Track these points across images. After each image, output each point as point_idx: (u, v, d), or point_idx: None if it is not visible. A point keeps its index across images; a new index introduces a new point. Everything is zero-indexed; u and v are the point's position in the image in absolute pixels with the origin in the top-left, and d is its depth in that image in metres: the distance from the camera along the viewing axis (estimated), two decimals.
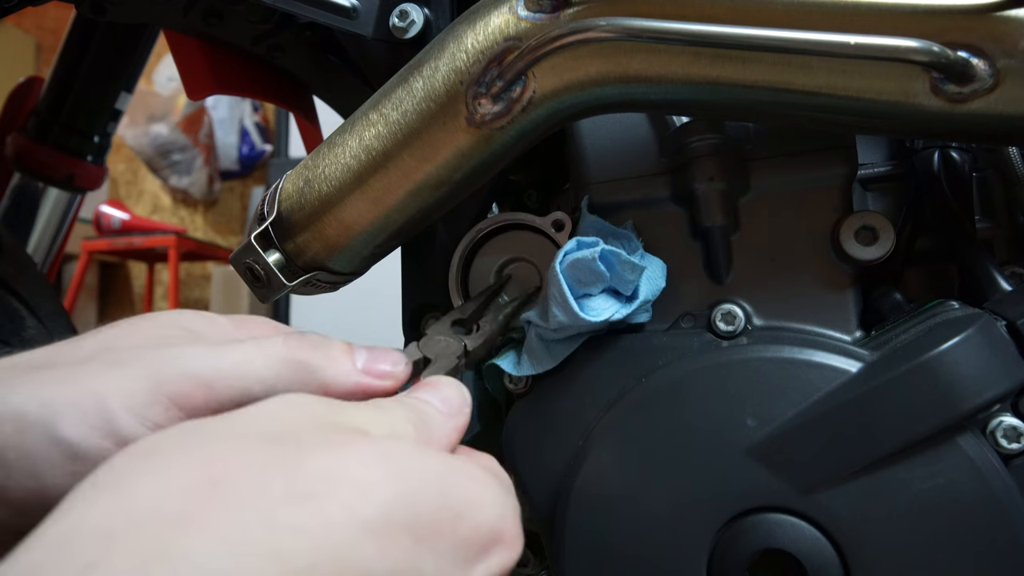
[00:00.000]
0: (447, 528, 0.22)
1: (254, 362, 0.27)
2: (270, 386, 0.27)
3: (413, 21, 0.49)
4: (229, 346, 0.27)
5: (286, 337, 0.29)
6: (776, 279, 0.45)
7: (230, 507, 0.19)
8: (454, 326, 0.43)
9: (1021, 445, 0.37)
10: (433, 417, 0.29)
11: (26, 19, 3.43)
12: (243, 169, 3.52)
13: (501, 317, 0.44)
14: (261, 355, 0.27)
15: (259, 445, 0.21)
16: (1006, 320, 0.38)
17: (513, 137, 0.40)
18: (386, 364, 0.31)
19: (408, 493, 0.22)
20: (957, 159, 0.48)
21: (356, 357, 0.31)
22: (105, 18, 0.61)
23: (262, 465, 0.20)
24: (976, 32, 0.33)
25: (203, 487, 0.19)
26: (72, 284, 3.05)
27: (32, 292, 0.79)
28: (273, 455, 0.21)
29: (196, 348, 0.27)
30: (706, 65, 0.36)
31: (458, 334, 0.41)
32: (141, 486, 0.19)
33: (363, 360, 0.31)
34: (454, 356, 0.38)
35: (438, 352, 0.38)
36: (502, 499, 0.25)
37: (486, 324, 0.43)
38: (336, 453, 0.21)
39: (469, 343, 0.40)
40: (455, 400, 0.31)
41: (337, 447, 0.22)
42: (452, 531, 0.22)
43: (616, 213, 0.48)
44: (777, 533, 0.39)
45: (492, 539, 0.24)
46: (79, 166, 0.98)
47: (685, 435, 0.41)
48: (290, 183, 0.44)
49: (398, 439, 0.26)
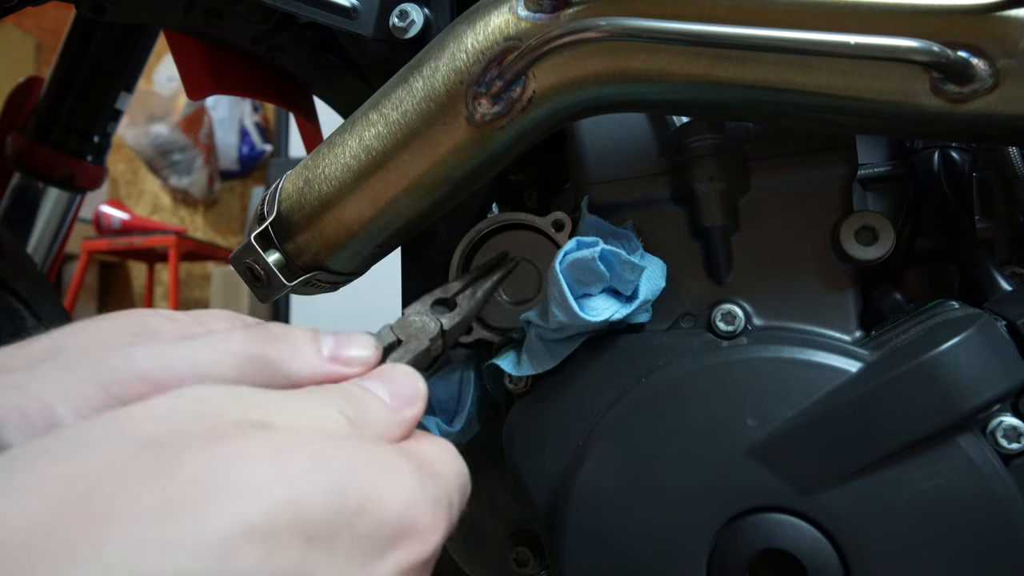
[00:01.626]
0: (343, 525, 0.21)
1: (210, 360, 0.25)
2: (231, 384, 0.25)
3: (413, 21, 0.49)
4: (183, 344, 0.26)
5: (245, 331, 0.27)
6: (776, 279, 0.45)
7: (92, 528, 0.17)
8: (435, 305, 0.41)
9: (1021, 445, 0.37)
10: (371, 408, 0.27)
11: (26, 19, 3.43)
12: (243, 169, 3.52)
13: (480, 293, 0.43)
14: (218, 352, 0.26)
15: (134, 451, 0.19)
16: (1006, 320, 0.38)
17: (513, 137, 0.40)
18: (354, 349, 0.30)
19: (298, 492, 0.20)
20: (957, 159, 0.48)
21: (322, 345, 0.29)
22: (105, 18, 0.61)
23: (133, 475, 0.19)
24: (976, 32, 0.33)
25: (65, 505, 0.17)
26: (72, 284, 3.05)
27: (32, 292, 0.79)
28: (146, 462, 0.19)
29: (147, 348, 0.25)
30: (706, 65, 0.36)
31: (437, 314, 0.39)
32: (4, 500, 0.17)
33: (329, 347, 0.29)
34: (426, 338, 0.36)
35: (410, 333, 0.36)
36: (413, 487, 0.23)
37: (464, 301, 0.41)
38: (217, 453, 0.20)
39: (446, 322, 0.38)
40: (405, 391, 0.29)
41: (220, 446, 0.20)
42: (350, 528, 0.21)
43: (616, 213, 0.48)
44: (777, 533, 0.39)
45: (400, 532, 0.23)
46: (79, 166, 0.98)
47: (685, 435, 0.41)
48: (290, 183, 0.44)
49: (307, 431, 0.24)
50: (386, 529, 0.22)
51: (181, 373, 0.24)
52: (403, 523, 0.23)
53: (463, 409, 0.50)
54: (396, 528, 0.22)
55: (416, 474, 0.24)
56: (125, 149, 3.51)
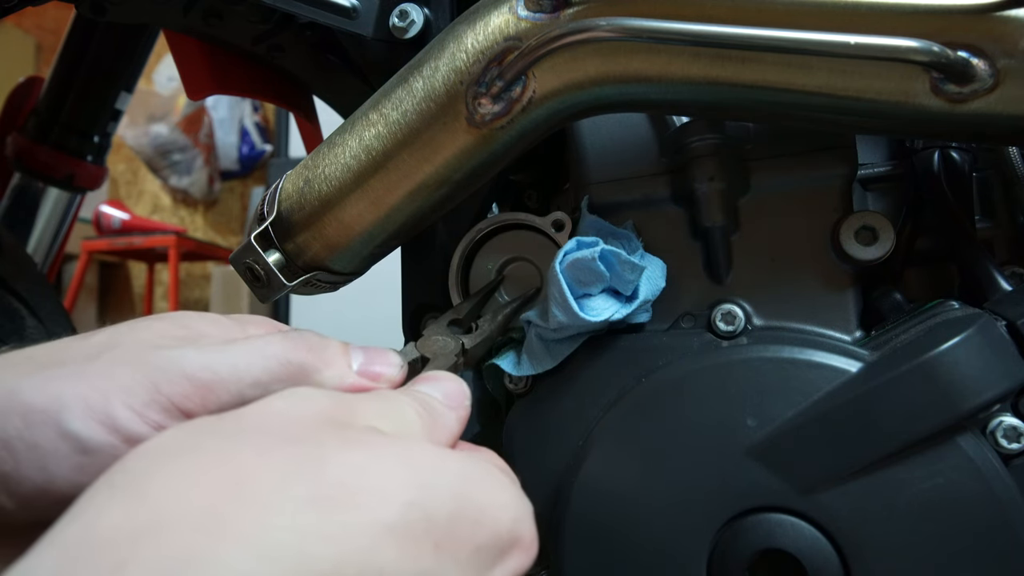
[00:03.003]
0: (467, 534, 0.22)
1: (250, 364, 0.27)
2: (265, 388, 0.27)
3: (413, 21, 0.49)
4: (226, 348, 0.28)
5: (282, 338, 0.29)
6: (776, 279, 0.45)
7: (255, 510, 0.19)
8: (451, 326, 0.43)
9: (1021, 445, 0.37)
10: (437, 409, 0.29)
11: (26, 19, 3.43)
12: (243, 169, 3.52)
13: (500, 317, 0.45)
14: (257, 357, 0.28)
15: (278, 444, 0.21)
16: (1006, 320, 0.38)
17: (513, 137, 0.40)
18: (382, 366, 0.31)
19: (428, 498, 0.21)
20: (957, 159, 0.48)
21: (352, 358, 0.31)
22: (105, 18, 0.61)
23: (283, 466, 0.20)
24: (976, 32, 0.33)
25: (226, 488, 0.19)
26: (72, 284, 3.05)
27: (32, 292, 0.79)
28: (293, 455, 0.21)
29: (194, 350, 0.27)
30: (706, 65, 0.36)
31: (455, 334, 0.41)
32: (161, 487, 0.19)
33: (359, 361, 0.31)
34: (452, 354, 0.38)
35: (436, 351, 0.38)
36: (519, 501, 0.25)
37: (485, 324, 0.43)
38: (356, 455, 0.21)
39: (467, 342, 0.40)
40: (456, 393, 0.31)
41: (356, 448, 0.22)
42: (472, 536, 0.22)
43: (616, 213, 0.48)
44: (777, 533, 0.39)
45: (510, 543, 0.24)
46: (79, 166, 0.98)
47: (685, 435, 0.41)
48: (290, 183, 0.44)
49: (410, 437, 0.26)
50: (501, 540, 0.23)
51: (223, 374, 0.26)
52: (513, 535, 0.24)
53: None
54: (508, 539, 0.24)
55: (516, 488, 0.26)
56: (125, 149, 3.51)
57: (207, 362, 0.26)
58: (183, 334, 0.29)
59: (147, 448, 0.21)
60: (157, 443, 0.21)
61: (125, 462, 0.20)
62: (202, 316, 0.31)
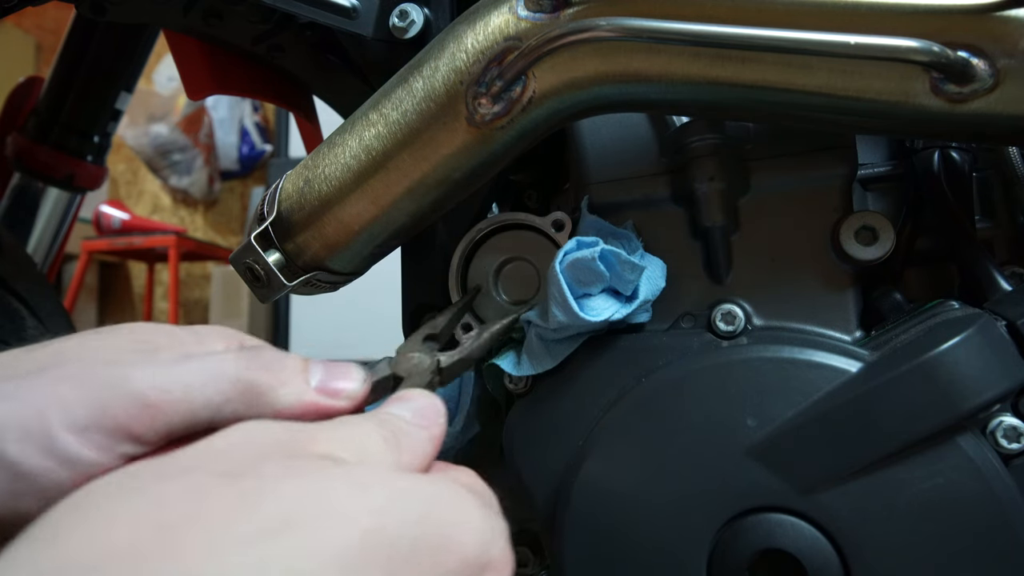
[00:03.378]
0: (431, 561, 0.21)
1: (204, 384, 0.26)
2: (216, 408, 0.26)
3: (413, 21, 0.49)
4: (178, 365, 0.26)
5: (237, 356, 0.27)
6: (776, 279, 0.45)
7: (182, 554, 0.18)
8: (427, 341, 0.41)
9: (1021, 445, 0.37)
10: (405, 430, 0.28)
11: (26, 19, 3.43)
12: (243, 169, 3.52)
13: (485, 335, 0.42)
14: (210, 376, 0.26)
15: (213, 483, 0.20)
16: (1006, 320, 0.38)
17: (513, 137, 0.40)
18: (342, 381, 0.30)
19: (385, 526, 0.20)
20: (957, 159, 0.48)
21: (311, 375, 0.29)
22: (105, 18, 0.61)
23: (217, 505, 0.19)
24: (976, 32, 0.33)
25: (152, 534, 0.18)
26: (72, 284, 3.05)
27: (32, 292, 0.79)
28: (229, 493, 0.20)
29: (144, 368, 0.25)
30: (706, 65, 0.37)
31: (431, 350, 0.39)
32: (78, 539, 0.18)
33: (318, 378, 0.29)
34: (427, 372, 0.36)
35: (410, 369, 0.36)
36: (487, 522, 0.24)
37: (468, 342, 0.41)
38: (299, 484, 0.20)
39: (443, 359, 0.38)
40: (428, 411, 0.30)
41: (299, 478, 0.21)
42: (436, 563, 0.21)
43: (616, 213, 0.48)
44: (777, 533, 0.39)
45: (480, 568, 0.23)
46: (79, 166, 0.98)
47: (685, 435, 0.41)
48: (290, 183, 0.45)
49: (371, 463, 0.25)
50: (469, 566, 0.23)
51: (174, 395, 0.25)
52: (482, 560, 0.23)
53: (462, 409, 0.50)
54: (477, 565, 0.23)
55: (488, 509, 0.25)
56: (125, 149, 3.51)
57: (157, 381, 0.25)
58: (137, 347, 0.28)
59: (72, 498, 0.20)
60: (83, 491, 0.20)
61: (49, 514, 0.19)
62: (158, 328, 0.30)
